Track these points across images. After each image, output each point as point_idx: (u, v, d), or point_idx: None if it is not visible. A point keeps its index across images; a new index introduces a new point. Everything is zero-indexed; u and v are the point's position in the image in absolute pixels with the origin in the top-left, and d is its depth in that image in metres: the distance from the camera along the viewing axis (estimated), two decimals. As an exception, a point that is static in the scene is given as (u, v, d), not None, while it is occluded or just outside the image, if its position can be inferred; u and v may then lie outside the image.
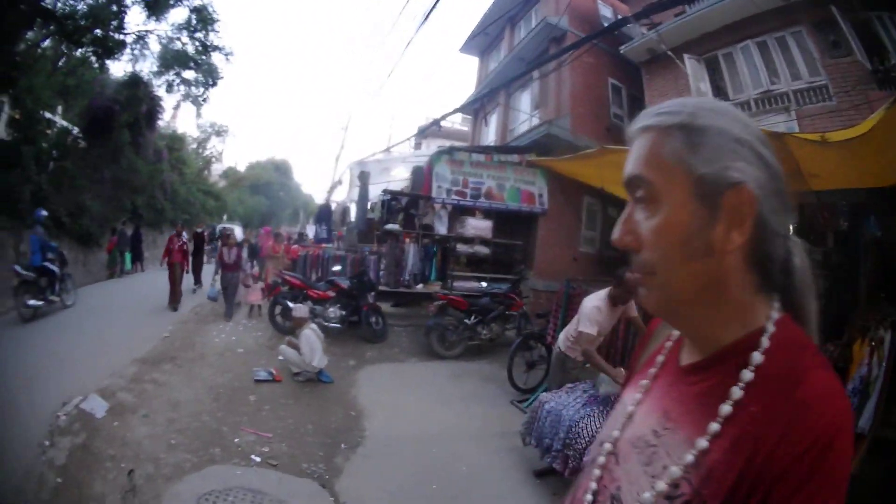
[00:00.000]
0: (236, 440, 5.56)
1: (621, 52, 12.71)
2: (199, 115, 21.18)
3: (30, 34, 15.68)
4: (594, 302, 5.18)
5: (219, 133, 39.23)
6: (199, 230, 16.17)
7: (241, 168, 48.40)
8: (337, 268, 12.11)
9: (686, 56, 11.05)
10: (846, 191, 7.24)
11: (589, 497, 0.96)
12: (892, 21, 8.49)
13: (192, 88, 19.09)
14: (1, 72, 13.09)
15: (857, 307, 7.11)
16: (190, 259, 13.64)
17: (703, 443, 0.79)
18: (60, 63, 18.74)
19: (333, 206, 19.28)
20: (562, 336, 5.65)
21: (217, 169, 41.84)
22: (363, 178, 13.90)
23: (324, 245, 15.30)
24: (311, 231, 19.58)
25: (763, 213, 0.82)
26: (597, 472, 0.98)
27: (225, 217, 35.14)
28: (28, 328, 9.28)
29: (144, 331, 9.59)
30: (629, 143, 0.93)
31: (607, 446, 0.99)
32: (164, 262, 12.75)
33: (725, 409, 0.79)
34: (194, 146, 35.64)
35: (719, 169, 0.82)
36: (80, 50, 17.33)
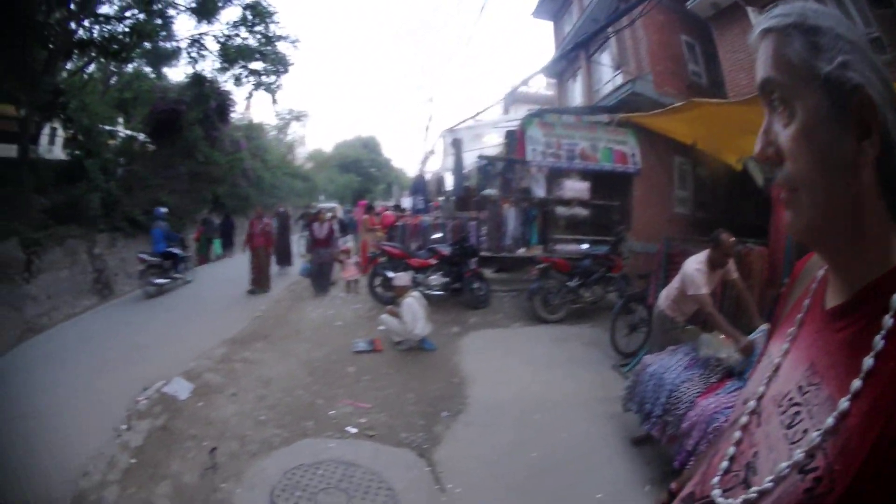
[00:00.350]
0: (332, 413, 5.57)
1: (688, 7, 12.02)
2: (274, 101, 21.92)
3: (69, 64, 16.53)
4: (695, 265, 4.96)
5: (298, 118, 40.28)
6: (282, 210, 15.79)
7: (328, 149, 49.70)
8: (438, 235, 12.15)
9: (749, 9, 10.39)
10: None
11: (725, 464, 0.86)
12: None
13: (263, 78, 19.55)
14: (47, 100, 13.89)
15: None
16: (274, 241, 13.40)
17: (844, 404, 0.68)
18: (112, 81, 19.78)
19: (427, 176, 19.48)
20: (662, 296, 5.45)
21: (302, 152, 42.97)
22: (456, 146, 13.78)
23: (421, 216, 15.10)
24: (406, 203, 19.72)
25: (886, 124, 0.73)
26: (737, 434, 0.88)
27: (322, 197, 36.01)
28: (117, 318, 10.24)
29: (234, 313, 10.04)
30: (754, 51, 0.85)
31: (751, 404, 0.89)
32: (245, 247, 12.69)
33: (868, 362, 0.68)
34: (274, 133, 36.63)
35: (839, 68, 0.75)
36: (130, 65, 18.25)
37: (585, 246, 11.36)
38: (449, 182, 16.18)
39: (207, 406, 5.75)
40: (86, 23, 15.43)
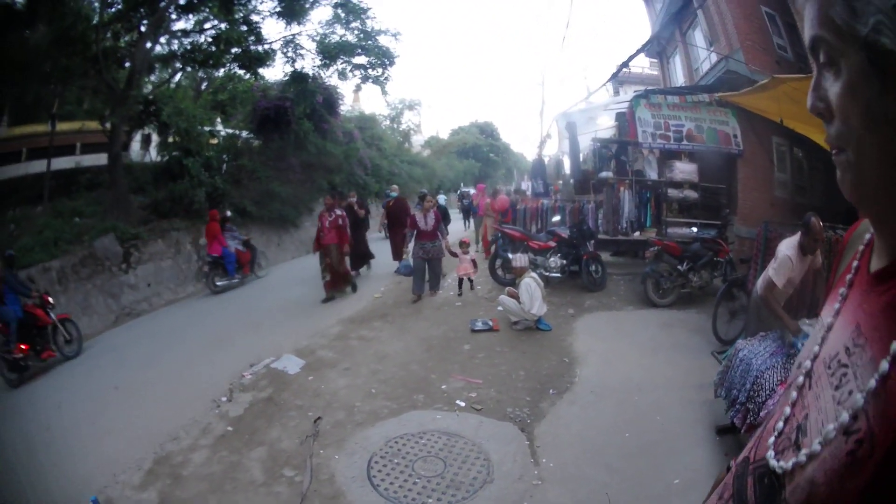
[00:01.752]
0: (443, 387, 5.86)
1: None
2: (384, 92, 22.31)
3: (154, 77, 17.44)
4: (787, 250, 4.88)
5: (411, 107, 40.55)
6: (353, 199, 13.48)
7: (445, 135, 49.30)
8: (556, 218, 12.27)
9: None
10: None
11: (780, 425, 0.86)
12: None
13: (369, 71, 19.78)
14: (136, 111, 14.85)
15: None
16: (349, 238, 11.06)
17: (884, 365, 0.65)
18: (204, 86, 20.45)
19: (546, 160, 19.30)
20: (759, 281, 5.30)
21: (419, 140, 42.99)
22: (571, 129, 13.74)
23: (541, 200, 15.07)
24: (526, 187, 19.80)
25: None
26: (794, 395, 0.88)
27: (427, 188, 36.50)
28: (218, 301, 11.24)
29: (353, 295, 10.65)
30: (800, 9, 0.96)
31: (806, 364, 0.88)
32: (315, 247, 10.88)
33: None
34: (388, 123, 37.07)
35: (875, 32, 0.72)
36: (222, 70, 18.69)
37: (695, 229, 11.29)
38: (566, 165, 16.15)
39: (318, 380, 6.16)
40: (162, 39, 16.17)
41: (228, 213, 13.71)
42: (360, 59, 19.34)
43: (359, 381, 6.12)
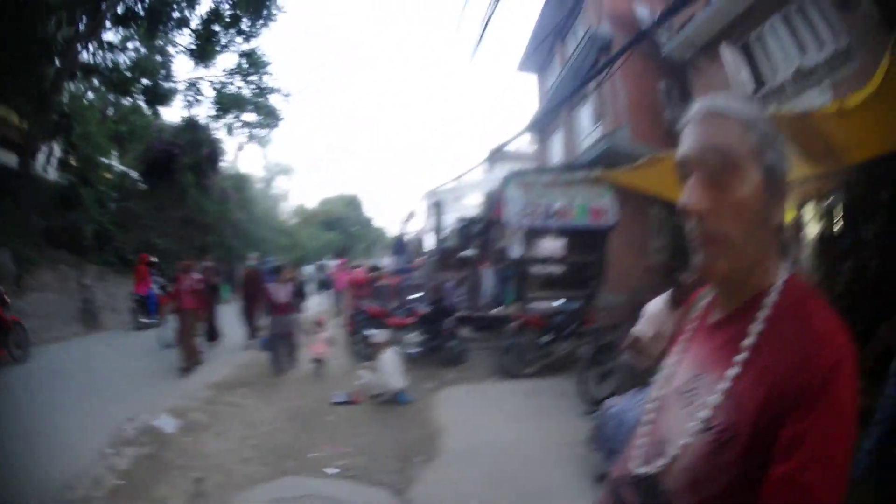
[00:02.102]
0: (313, 455, 6.03)
1: (665, 52, 12.98)
2: (264, 156, 22.77)
3: (72, 87, 16.99)
4: (652, 306, 5.39)
5: (285, 172, 40.98)
6: (208, 264, 13.05)
7: (313, 205, 50.34)
8: (415, 296, 12.69)
9: (723, 44, 11.28)
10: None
11: (641, 442, 1.16)
12: None
13: (255, 130, 19.95)
14: (53, 120, 14.66)
15: None
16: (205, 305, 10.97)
17: (725, 383, 1.00)
18: (110, 112, 20.03)
19: (408, 237, 20.11)
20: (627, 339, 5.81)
21: (287, 207, 43.55)
22: (437, 208, 14.39)
23: (402, 276, 15.72)
24: (386, 263, 20.25)
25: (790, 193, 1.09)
26: (647, 427, 1.18)
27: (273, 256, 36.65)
28: (102, 349, 11.25)
29: (222, 357, 10.83)
30: (697, 121, 1.12)
31: (656, 398, 1.21)
32: (170, 308, 10.92)
33: (746, 343, 1.01)
34: (261, 185, 37.21)
35: (779, 161, 1.07)
36: (128, 98, 18.54)
37: (559, 302, 11.71)
38: (429, 243, 16.67)
39: (195, 441, 6.19)
40: (90, 47, 15.99)
41: (154, 259, 14.17)
42: (250, 116, 19.42)
43: (232, 446, 6.22)
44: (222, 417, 7.12)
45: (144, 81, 17.04)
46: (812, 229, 8.42)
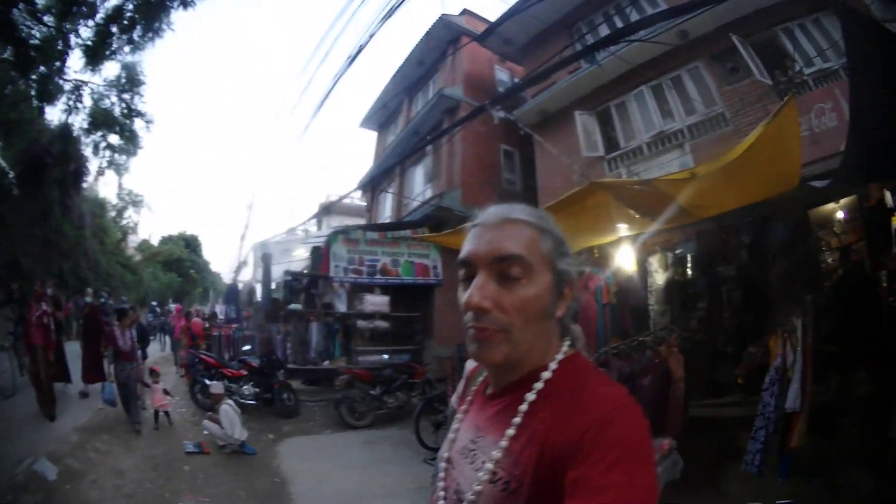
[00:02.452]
0: None
1: (513, 117, 13.41)
2: (120, 185, 21.70)
3: None
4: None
5: (135, 203, 39.11)
6: (52, 294, 11.93)
7: (155, 241, 47.90)
8: (247, 347, 13.25)
9: (577, 112, 12.38)
10: (750, 206, 7.71)
11: (441, 494, 1.33)
12: (801, 28, 9.64)
13: (116, 155, 19.25)
14: None
15: (771, 309, 8.16)
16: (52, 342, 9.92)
17: (504, 442, 1.17)
18: (7, 90, 19.03)
19: (240, 286, 20.17)
20: (456, 393, 6.81)
21: (132, 241, 41.42)
22: (265, 260, 14.92)
23: (233, 325, 16.06)
24: (220, 311, 20.27)
25: (574, 292, 1.29)
26: (440, 481, 1.36)
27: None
28: None
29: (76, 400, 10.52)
30: (493, 225, 1.26)
31: (444, 455, 1.40)
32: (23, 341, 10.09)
33: (516, 420, 1.18)
34: (113, 214, 35.40)
35: (566, 268, 1.25)
36: (24, 83, 17.72)
37: (386, 356, 12.88)
38: (259, 293, 17.02)
39: (74, 490, 6.54)
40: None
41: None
42: (114, 139, 18.68)
43: (107, 495, 6.59)
44: (93, 464, 7.39)
45: (42, 69, 16.10)
46: (661, 276, 9.78)
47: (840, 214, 9.70)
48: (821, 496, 5.58)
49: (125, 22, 16.48)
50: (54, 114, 23.98)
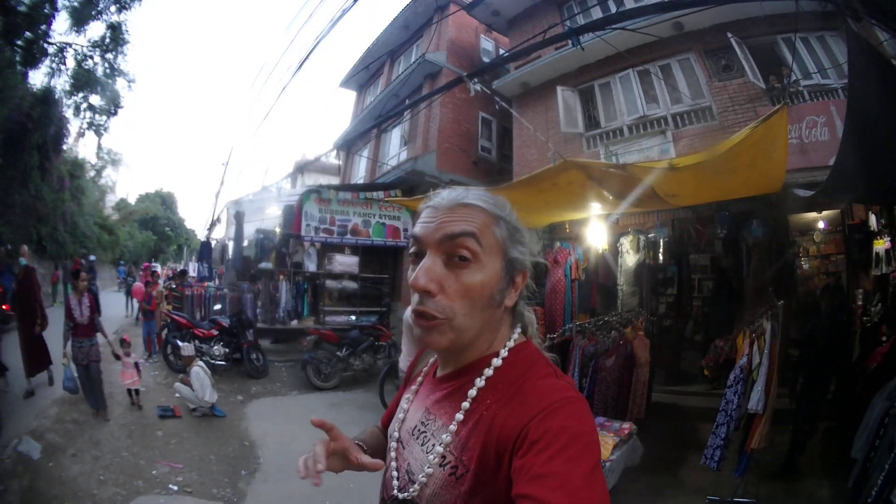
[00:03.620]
0: (154, 472, 6.66)
1: (494, 87, 13.70)
2: (99, 146, 21.22)
3: None
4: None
5: (114, 162, 38.52)
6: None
7: (132, 200, 47.52)
8: (217, 307, 13.22)
9: (559, 87, 12.44)
10: (728, 202, 8.20)
11: (394, 473, 1.35)
12: (803, 42, 9.58)
13: (97, 116, 18.97)
14: None
15: (743, 304, 8.51)
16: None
17: (453, 426, 1.21)
18: None
19: (213, 243, 20.07)
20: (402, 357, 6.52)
21: (110, 200, 40.87)
22: (238, 218, 14.83)
23: (206, 283, 15.97)
24: (193, 268, 20.20)
25: (525, 280, 1.30)
26: (392, 455, 1.39)
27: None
28: None
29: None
30: (447, 208, 1.24)
31: (395, 436, 1.42)
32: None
33: (465, 404, 1.22)
34: (92, 174, 34.91)
35: (518, 255, 1.26)
36: (9, 50, 17.23)
37: (354, 318, 13.08)
38: (231, 252, 16.99)
39: (57, 467, 6.58)
40: None
41: None
42: (95, 100, 18.35)
43: (87, 468, 6.63)
44: (72, 437, 7.40)
45: (27, 34, 15.59)
46: (632, 258, 9.92)
47: (821, 224, 9.88)
48: (776, 499, 5.74)
49: None
50: (37, 77, 23.48)
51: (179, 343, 10.18)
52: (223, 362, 11.12)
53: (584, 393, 6.22)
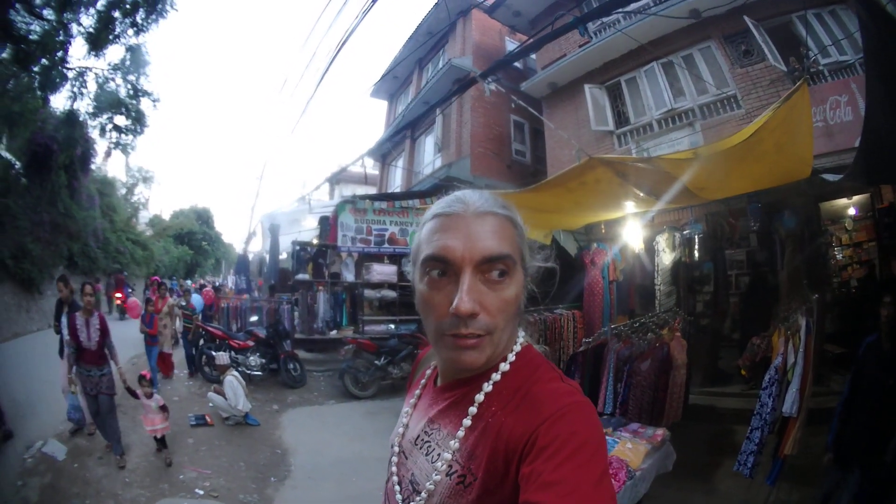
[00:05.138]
0: (181, 477, 6.69)
1: (522, 89, 13.86)
2: (127, 164, 21.68)
3: None
4: None
5: (146, 179, 39.31)
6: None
7: (166, 216, 48.34)
8: (254, 318, 13.31)
9: (586, 86, 12.40)
10: (759, 193, 7.65)
11: (397, 487, 1.32)
12: (817, 18, 9.43)
13: (122, 136, 19.40)
14: None
15: (779, 299, 8.23)
16: None
17: (460, 433, 1.17)
18: (10, 85, 19.00)
19: (251, 256, 20.29)
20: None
21: (143, 217, 41.58)
22: (273, 231, 14.96)
23: (245, 296, 16.13)
24: (231, 281, 20.35)
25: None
26: (394, 467, 1.36)
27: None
28: None
29: None
30: (471, 217, 1.15)
31: (396, 447, 1.39)
32: None
33: (472, 409, 1.18)
34: (123, 192, 35.61)
35: (531, 257, 1.23)
36: (26, 77, 17.68)
37: (393, 326, 13.01)
38: (268, 264, 17.25)
39: (81, 468, 6.68)
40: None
41: None
42: (120, 120, 18.75)
43: (112, 471, 6.70)
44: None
45: (44, 61, 16.02)
46: (668, 256, 9.62)
47: (852, 211, 9.60)
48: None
49: (127, 6, 16.36)
50: (59, 100, 23.81)
51: (214, 353, 10.23)
52: (259, 372, 11.17)
53: (618, 399, 6.16)
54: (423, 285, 1.19)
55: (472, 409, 1.18)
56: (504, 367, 1.20)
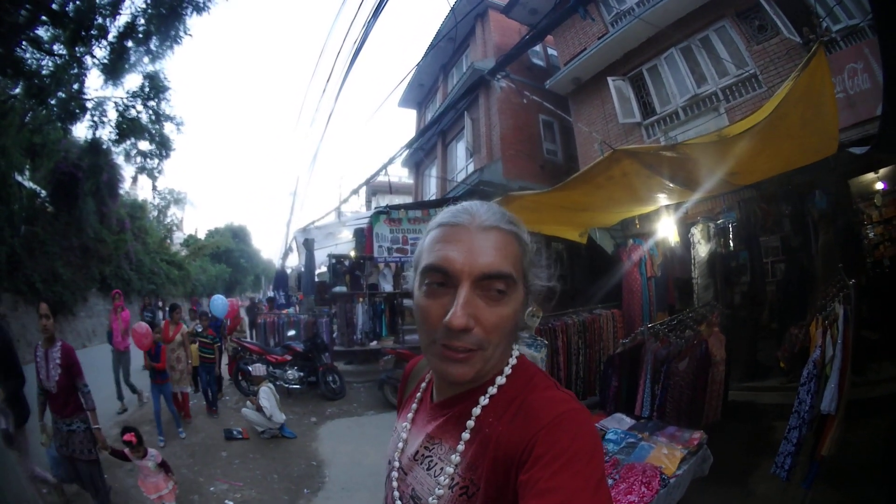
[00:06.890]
0: (212, 489, 6.69)
1: (547, 87, 13.87)
2: (154, 188, 22.04)
3: None
4: None
5: (177, 201, 40.13)
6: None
7: (201, 235, 49.24)
8: (291, 332, 13.24)
9: (609, 78, 12.31)
10: (789, 174, 7.40)
11: (398, 500, 1.32)
12: None
13: (147, 161, 19.70)
14: None
15: (815, 286, 7.81)
16: None
17: (460, 447, 1.18)
18: (27, 118, 19.34)
19: (288, 271, 20.41)
20: None
21: (178, 237, 42.50)
22: (308, 246, 14.99)
23: (285, 311, 16.28)
24: (269, 297, 20.47)
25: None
26: (394, 483, 1.35)
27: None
28: None
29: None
30: (475, 231, 1.15)
31: (395, 463, 1.39)
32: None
33: (470, 423, 1.19)
34: (155, 214, 36.35)
35: (536, 281, 1.23)
36: (44, 109, 18.00)
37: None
38: (305, 278, 17.40)
39: (111, 479, 6.61)
40: (23, 42, 15.06)
41: None
42: (145, 145, 19.09)
43: None
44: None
45: (60, 94, 16.40)
46: (704, 248, 9.36)
47: (880, 185, 9.19)
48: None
49: (140, 35, 16.56)
50: (81, 130, 24.37)
51: (249, 368, 10.18)
52: (297, 386, 11.16)
53: (656, 402, 5.94)
54: (420, 293, 1.20)
55: (470, 423, 1.19)
56: (500, 380, 1.22)
